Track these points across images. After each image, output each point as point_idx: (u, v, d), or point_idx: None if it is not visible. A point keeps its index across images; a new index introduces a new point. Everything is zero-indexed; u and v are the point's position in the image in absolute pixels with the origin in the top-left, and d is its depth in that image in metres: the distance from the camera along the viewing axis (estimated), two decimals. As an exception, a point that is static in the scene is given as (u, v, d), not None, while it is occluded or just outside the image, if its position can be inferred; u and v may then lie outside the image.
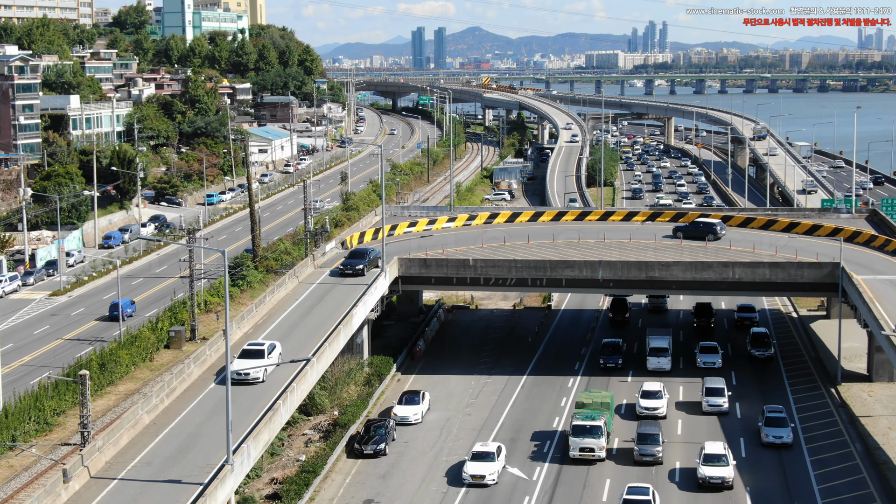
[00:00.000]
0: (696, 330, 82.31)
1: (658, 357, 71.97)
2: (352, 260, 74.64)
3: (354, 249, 77.39)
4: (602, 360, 72.98)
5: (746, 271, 70.78)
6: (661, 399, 63.45)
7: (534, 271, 72.82)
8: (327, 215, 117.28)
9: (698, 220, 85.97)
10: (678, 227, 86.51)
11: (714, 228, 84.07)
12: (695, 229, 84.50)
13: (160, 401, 48.99)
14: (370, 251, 75.54)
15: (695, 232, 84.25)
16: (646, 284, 73.50)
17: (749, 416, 63.54)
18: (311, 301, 66.86)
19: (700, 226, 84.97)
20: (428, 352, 79.57)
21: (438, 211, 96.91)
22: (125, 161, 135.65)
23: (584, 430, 55.95)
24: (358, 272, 73.10)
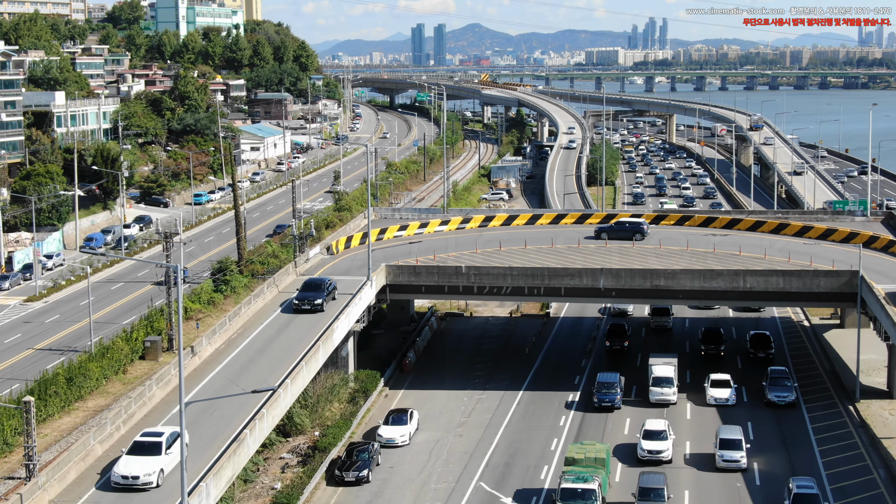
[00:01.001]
0: (704, 358, 73.31)
1: (662, 387, 64.34)
2: (307, 293, 64.45)
3: (309, 280, 66.78)
4: (597, 399, 63.50)
5: (758, 280, 66.05)
6: (665, 440, 55.55)
7: (531, 279, 68.12)
8: (312, 219, 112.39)
9: (624, 220, 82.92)
10: (602, 229, 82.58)
11: (641, 228, 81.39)
12: (621, 230, 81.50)
13: (116, 428, 44.29)
14: (326, 281, 66.24)
15: (621, 233, 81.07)
16: (651, 294, 68.76)
17: (770, 476, 53.63)
18: (290, 313, 62.09)
19: (626, 226, 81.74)
20: (419, 364, 74.87)
21: (431, 213, 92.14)
22: (109, 159, 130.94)
23: (574, 495, 47.61)
24: (316, 308, 63.41)
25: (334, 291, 66.10)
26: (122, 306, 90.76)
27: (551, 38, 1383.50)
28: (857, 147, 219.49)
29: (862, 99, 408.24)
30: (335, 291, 66.10)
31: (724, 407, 63.71)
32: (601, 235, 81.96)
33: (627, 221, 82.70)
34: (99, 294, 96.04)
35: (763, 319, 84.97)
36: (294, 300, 63.99)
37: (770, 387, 64.33)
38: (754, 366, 72.01)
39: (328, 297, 64.89)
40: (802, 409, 63.75)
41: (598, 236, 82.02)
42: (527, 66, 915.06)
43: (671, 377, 64.76)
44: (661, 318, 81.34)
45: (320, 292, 64.51)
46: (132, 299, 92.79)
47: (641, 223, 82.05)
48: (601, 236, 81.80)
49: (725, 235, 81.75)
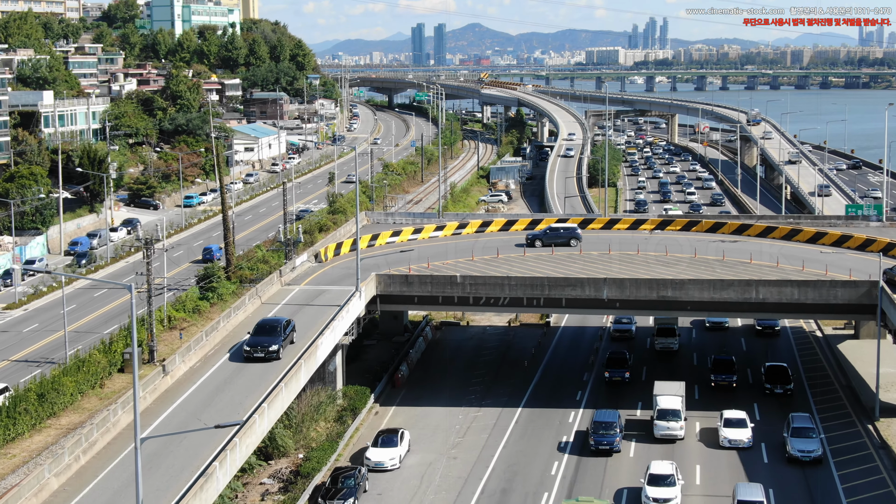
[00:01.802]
0: (715, 390, 66.33)
1: (668, 421, 57.79)
2: (261, 338, 53.97)
3: (262, 322, 56.05)
4: (594, 442, 56.16)
5: (772, 291, 62.10)
6: (673, 487, 49.42)
7: (530, 290, 64.18)
8: (300, 224, 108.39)
9: (558, 227, 79.06)
10: (534, 235, 78.40)
11: (577, 234, 78.32)
12: (556, 236, 77.77)
13: (74, 459, 40.40)
14: (281, 322, 55.69)
15: (556, 238, 77.65)
16: (657, 305, 64.83)
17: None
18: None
19: (561, 232, 78.25)
20: (412, 378, 70.94)
21: (426, 218, 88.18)
22: (96, 161, 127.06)
23: None
24: (271, 355, 53.27)
25: (292, 333, 56.27)
26: (104, 315, 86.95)
27: (551, 38, 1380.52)
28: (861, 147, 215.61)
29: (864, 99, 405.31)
30: (293, 333, 56.36)
31: (740, 450, 56.25)
32: (535, 243, 77.35)
33: (562, 227, 78.81)
34: (81, 301, 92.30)
35: (778, 340, 78.62)
36: (245, 346, 53.84)
37: (792, 438, 55.36)
38: (771, 402, 64.42)
39: (286, 341, 55.11)
40: (818, 426, 59.81)
41: (532, 244, 77.33)
42: (527, 65, 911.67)
43: (678, 409, 58.35)
44: (667, 340, 74.53)
45: (275, 336, 54.27)
46: (115, 307, 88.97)
47: (575, 228, 78.87)
48: (535, 244, 77.21)
49: (735, 242, 77.82)
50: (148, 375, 49.48)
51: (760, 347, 76.76)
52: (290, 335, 55.97)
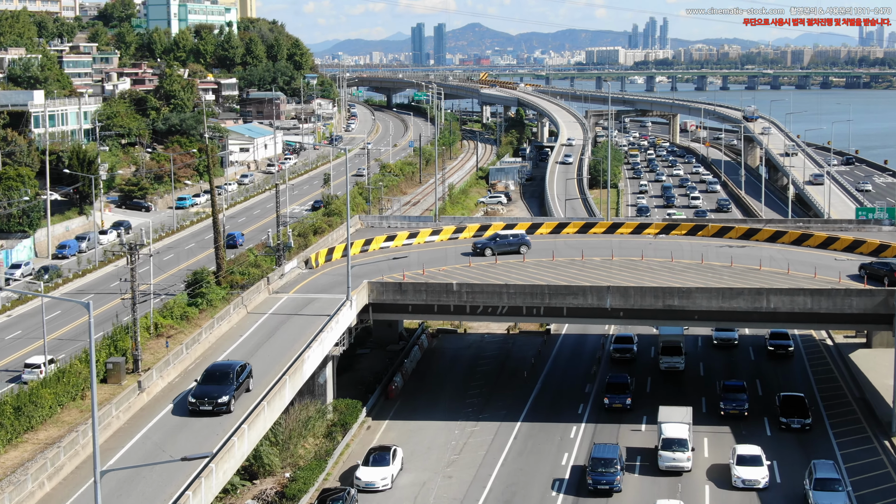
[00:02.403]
0: (725, 419, 60.76)
1: (674, 451, 52.58)
2: (207, 387, 46.06)
3: (211, 368, 47.75)
4: (591, 481, 51.18)
5: (783, 300, 59.08)
6: None
7: (529, 298, 61.17)
8: (290, 229, 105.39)
9: (506, 234, 74.87)
10: (483, 244, 73.64)
11: (526, 240, 74.63)
12: (505, 244, 73.63)
13: (38, 486, 37.41)
14: (234, 367, 47.36)
15: (505, 247, 73.40)
16: (663, 315, 61.79)
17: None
18: (258, 338, 55.07)
19: (511, 239, 74.23)
20: (406, 389, 67.96)
21: (422, 222, 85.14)
22: (85, 162, 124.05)
23: None
24: (220, 408, 45.41)
25: (248, 380, 48.06)
26: (86, 323, 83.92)
27: (551, 38, 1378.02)
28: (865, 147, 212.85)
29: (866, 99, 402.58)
30: (249, 380, 48.15)
31: (755, 490, 51.00)
32: (484, 251, 72.82)
33: (511, 234, 74.57)
34: (66, 307, 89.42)
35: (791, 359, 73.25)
36: (190, 397, 45.90)
37: (816, 492, 48.60)
38: (788, 437, 58.42)
39: (239, 390, 46.94)
40: (833, 444, 56.87)
41: (482, 252, 72.75)
42: (527, 65, 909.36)
43: (685, 438, 53.11)
44: (672, 359, 69.58)
45: (226, 385, 46.03)
46: (100, 314, 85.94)
47: (524, 235, 75.09)
48: (484, 252, 72.73)
49: (743, 247, 74.73)
50: (122, 392, 46.47)
51: (772, 368, 71.48)
52: (244, 382, 47.70)
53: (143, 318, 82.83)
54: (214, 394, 45.42)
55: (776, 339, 73.86)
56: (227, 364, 48.11)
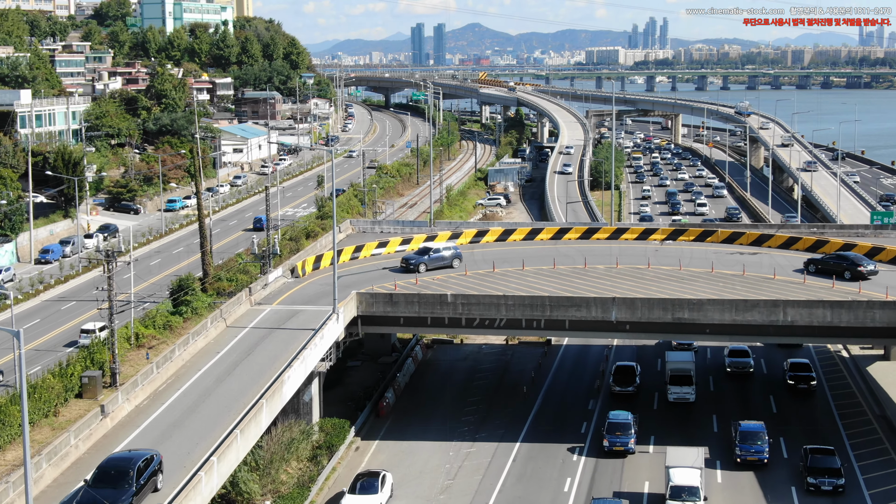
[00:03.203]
0: (741, 465, 53.42)
1: (684, 501, 46.96)
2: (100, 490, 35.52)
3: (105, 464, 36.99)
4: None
5: (801, 313, 55.09)
6: None
7: (529, 310, 57.19)
8: (276, 235, 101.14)
9: (438, 246, 68.35)
10: (416, 261, 66.59)
11: (459, 254, 68.92)
12: (441, 259, 67.52)
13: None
14: (134, 463, 36.71)
15: (440, 262, 67.06)
16: (672, 329, 57.82)
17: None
18: (236, 355, 51.00)
19: (444, 253, 67.64)
20: (398, 406, 63.97)
21: (416, 226, 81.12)
22: (71, 163, 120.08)
23: None
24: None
25: (155, 477, 37.47)
26: (68, 331, 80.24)
27: (551, 38, 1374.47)
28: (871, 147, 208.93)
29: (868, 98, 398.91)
30: (158, 476, 37.59)
31: None
32: (418, 268, 66.26)
33: (442, 247, 68.64)
34: (45, 315, 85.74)
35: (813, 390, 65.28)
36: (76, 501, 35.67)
37: None
38: None
39: (142, 491, 36.52)
40: (856, 470, 52.87)
41: (416, 268, 66.09)
42: (527, 65, 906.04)
43: (696, 486, 47.07)
44: (682, 390, 62.16)
45: (123, 489, 35.64)
46: (83, 321, 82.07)
47: (457, 249, 68.93)
48: (418, 269, 66.22)
49: (755, 254, 70.70)
50: (84, 417, 42.47)
51: (793, 403, 63.41)
52: (149, 481, 37.07)
53: (123, 328, 79.09)
54: (110, 498, 35.06)
55: (798, 372, 64.93)
56: (127, 458, 37.14)
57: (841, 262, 63.61)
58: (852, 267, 62.81)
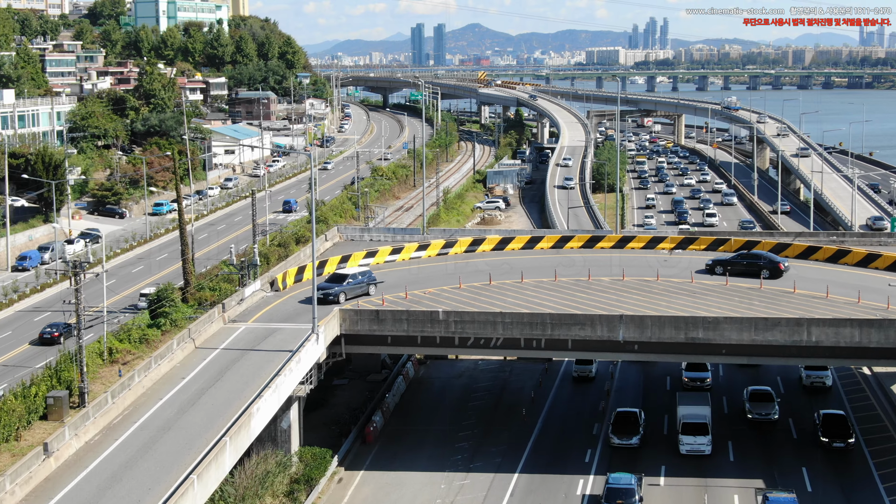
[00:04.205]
0: None
1: None
2: None
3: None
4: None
5: (827, 332, 50.14)
6: None
7: (528, 329, 52.27)
8: (264, 241, 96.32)
9: (354, 272, 59.84)
10: (335, 291, 57.81)
11: (374, 279, 60.46)
12: (357, 285, 59.23)
13: None
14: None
15: (357, 288, 58.94)
16: (685, 349, 52.86)
17: None
18: (203, 381, 45.99)
19: (360, 279, 59.06)
20: (387, 430, 59.04)
21: (408, 234, 76.13)
22: (50, 165, 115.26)
23: None
24: None
25: None
26: (35, 349, 75.32)
27: (551, 38, 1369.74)
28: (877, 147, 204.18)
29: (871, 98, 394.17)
30: None
31: None
32: (339, 298, 57.52)
33: (359, 273, 60.05)
34: (17, 326, 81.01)
35: None
36: None
37: None
38: None
39: None
40: None
41: (335, 300, 57.18)
42: (527, 65, 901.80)
43: None
44: (697, 441, 53.73)
45: None
46: (53, 337, 77.11)
47: (370, 273, 60.66)
48: (339, 299, 57.50)
49: (771, 265, 65.68)
50: (21, 460, 37.49)
51: (828, 464, 53.37)
52: None
53: (95, 342, 74.26)
54: None
55: (833, 426, 54.97)
56: None
57: (757, 262, 61.96)
58: (771, 265, 61.40)
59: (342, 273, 60.06)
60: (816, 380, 63.88)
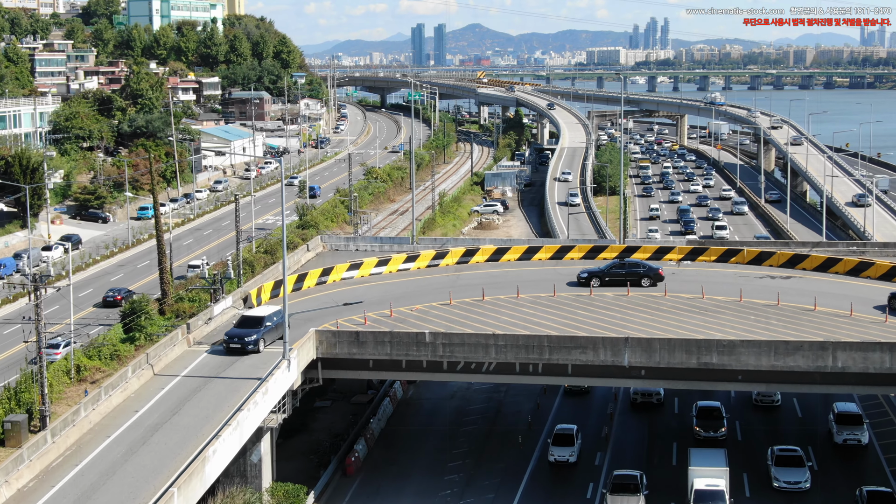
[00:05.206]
0: None
1: None
2: None
3: None
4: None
5: (854, 357, 45.21)
6: None
7: (524, 353, 47.34)
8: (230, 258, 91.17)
9: (253, 315, 49.51)
10: (249, 341, 48.07)
11: (285, 319, 48.39)
12: (275, 331, 49.27)
13: None
14: None
15: (275, 333, 49.25)
16: (697, 375, 47.90)
17: None
18: (158, 415, 40.97)
19: (265, 322, 48.61)
20: (370, 460, 54.10)
21: (396, 244, 71.17)
22: (28, 168, 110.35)
23: None
24: None
25: None
26: (10, 358, 70.49)
27: (552, 38, 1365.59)
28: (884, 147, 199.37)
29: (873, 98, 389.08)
30: None
31: None
32: (258, 346, 48.23)
33: (273, 312, 49.84)
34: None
35: None
36: None
37: None
38: None
39: None
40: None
41: (254, 348, 47.95)
42: (527, 66, 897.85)
43: None
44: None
45: None
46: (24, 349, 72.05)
47: (280, 312, 49.44)
48: (258, 347, 48.23)
49: (788, 278, 60.77)
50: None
51: None
52: None
53: (62, 360, 69.38)
54: None
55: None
56: None
57: (637, 270, 59.31)
58: (651, 273, 59.01)
59: (257, 315, 49.34)
60: (850, 437, 53.55)
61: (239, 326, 48.99)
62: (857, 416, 54.43)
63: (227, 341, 47.91)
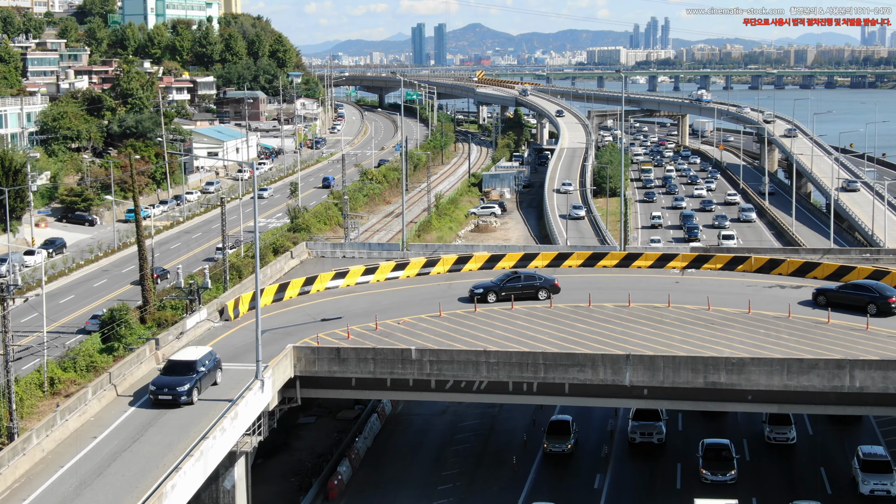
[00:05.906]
0: None
1: None
2: None
3: None
4: None
5: (874, 376, 41.87)
6: None
7: (517, 371, 44.01)
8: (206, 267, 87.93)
9: (185, 360, 41.99)
10: (166, 386, 40.53)
11: (219, 362, 44.03)
12: (210, 379, 42.95)
13: None
14: None
15: (209, 380, 42.61)
16: (703, 395, 44.54)
17: None
18: (118, 442, 37.45)
19: (196, 368, 41.49)
20: (354, 483, 50.73)
21: (385, 250, 67.76)
22: (11, 170, 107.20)
23: None
24: None
25: None
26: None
27: (552, 38, 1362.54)
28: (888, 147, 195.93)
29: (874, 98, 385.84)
30: None
31: None
32: (192, 396, 40.96)
33: (205, 355, 42.54)
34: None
35: None
36: None
37: None
38: None
39: None
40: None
41: (188, 399, 40.73)
42: (528, 65, 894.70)
43: None
44: None
45: None
46: None
47: (214, 355, 43.63)
48: (192, 398, 40.94)
49: (798, 287, 57.42)
50: None
51: None
52: None
53: (35, 371, 66.16)
54: None
55: None
56: None
57: (533, 283, 56.13)
58: (546, 285, 56.02)
59: (188, 360, 41.81)
60: (879, 487, 47.07)
61: (168, 374, 41.47)
62: (885, 462, 47.87)
63: (156, 392, 40.61)
